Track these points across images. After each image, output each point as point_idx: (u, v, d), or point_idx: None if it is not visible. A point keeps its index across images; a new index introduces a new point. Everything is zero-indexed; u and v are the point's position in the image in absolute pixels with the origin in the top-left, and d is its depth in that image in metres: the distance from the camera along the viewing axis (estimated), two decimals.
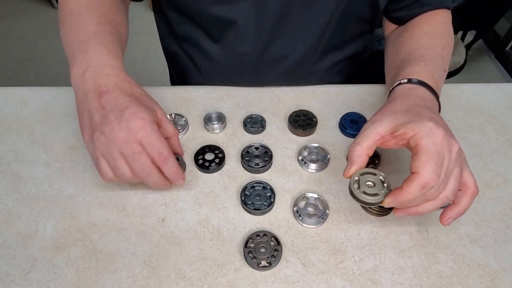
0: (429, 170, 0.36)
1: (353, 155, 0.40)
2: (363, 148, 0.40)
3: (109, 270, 0.42)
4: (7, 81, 2.01)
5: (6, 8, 2.53)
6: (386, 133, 0.40)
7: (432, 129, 0.38)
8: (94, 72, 0.43)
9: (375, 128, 0.40)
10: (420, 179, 0.36)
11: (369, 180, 0.41)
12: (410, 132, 0.38)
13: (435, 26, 0.56)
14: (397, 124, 0.40)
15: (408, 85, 0.46)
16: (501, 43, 2.10)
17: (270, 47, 0.61)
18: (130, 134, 0.39)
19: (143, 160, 0.40)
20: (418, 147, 0.37)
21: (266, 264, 0.42)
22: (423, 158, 0.37)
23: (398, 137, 0.39)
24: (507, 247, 0.45)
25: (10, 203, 0.48)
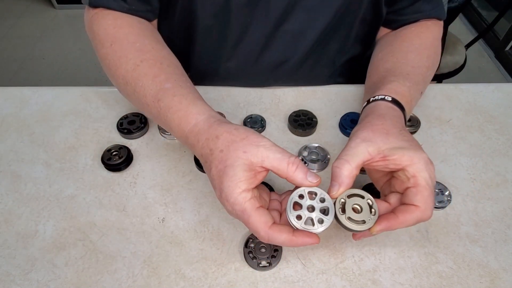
0: (430, 207, 0.36)
1: (342, 175, 0.37)
2: (353, 167, 0.37)
3: (109, 270, 0.42)
4: (7, 81, 2.01)
5: (6, 8, 2.53)
6: (377, 155, 0.38)
7: (427, 162, 0.37)
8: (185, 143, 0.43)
9: (366, 147, 0.38)
10: (420, 214, 0.36)
11: (356, 203, 0.37)
12: (407, 161, 0.37)
13: (425, 41, 0.56)
14: (391, 148, 0.38)
15: (392, 105, 0.45)
16: (501, 43, 2.11)
17: (270, 50, 0.61)
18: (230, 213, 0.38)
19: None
20: (417, 180, 0.37)
21: (266, 264, 0.42)
22: (425, 194, 0.36)
23: (390, 161, 0.38)
24: (507, 247, 0.45)
25: (10, 203, 0.48)
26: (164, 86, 0.44)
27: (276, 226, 0.36)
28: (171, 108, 0.43)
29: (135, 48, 0.48)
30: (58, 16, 2.48)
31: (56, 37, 2.31)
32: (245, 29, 0.58)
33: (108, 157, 0.51)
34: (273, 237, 0.35)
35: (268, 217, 0.36)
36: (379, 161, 0.38)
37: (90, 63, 2.09)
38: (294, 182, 0.37)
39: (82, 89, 0.63)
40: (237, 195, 0.35)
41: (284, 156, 0.36)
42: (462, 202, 0.49)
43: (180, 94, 0.43)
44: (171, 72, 0.47)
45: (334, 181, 0.37)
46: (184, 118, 0.41)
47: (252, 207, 0.35)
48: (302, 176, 0.36)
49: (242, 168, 0.35)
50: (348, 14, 0.57)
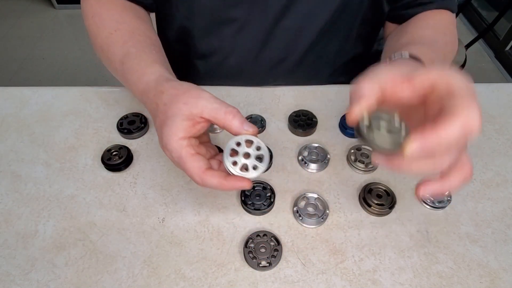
0: (475, 111, 0.27)
1: (362, 88, 0.30)
2: (374, 83, 0.31)
3: (109, 270, 0.42)
4: (7, 81, 2.01)
5: (6, 8, 2.53)
6: (401, 78, 0.31)
7: (461, 75, 0.30)
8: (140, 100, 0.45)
9: (388, 69, 0.32)
10: (464, 118, 0.27)
11: (383, 120, 0.31)
12: (436, 75, 0.30)
13: (440, 22, 0.55)
14: (415, 70, 0.31)
15: (410, 60, 0.41)
16: (501, 43, 2.11)
17: (269, 47, 0.61)
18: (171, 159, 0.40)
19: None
20: (452, 87, 0.29)
21: (266, 264, 0.42)
22: (465, 95, 0.28)
23: (417, 81, 0.30)
24: (507, 247, 0.45)
25: (10, 203, 0.48)
26: (129, 50, 0.48)
27: (210, 171, 0.37)
28: (130, 70, 0.46)
29: (113, 19, 0.52)
30: (58, 16, 2.48)
31: (56, 37, 2.31)
32: (244, 25, 0.58)
33: (108, 157, 0.51)
34: (206, 181, 0.37)
35: (202, 163, 0.37)
36: (404, 85, 0.31)
37: (90, 63, 2.09)
38: (230, 130, 0.38)
39: (82, 89, 0.63)
40: (174, 142, 0.37)
41: (222, 106, 0.37)
42: (462, 202, 0.49)
43: (140, 57, 0.47)
44: (140, 40, 0.50)
45: (352, 99, 0.31)
46: (139, 78, 0.45)
47: (187, 153, 0.37)
48: (238, 125, 0.37)
49: (181, 118, 0.37)
50: (348, 12, 0.57)
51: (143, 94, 0.44)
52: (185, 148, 0.37)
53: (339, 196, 0.49)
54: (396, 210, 0.47)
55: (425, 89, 0.30)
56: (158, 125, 0.40)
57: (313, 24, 0.58)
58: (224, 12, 0.56)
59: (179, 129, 0.37)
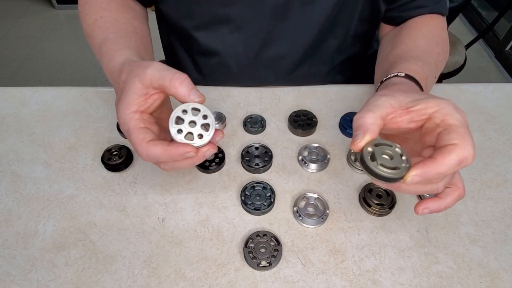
0: (470, 144, 0.31)
1: (366, 122, 0.33)
2: (377, 116, 0.34)
3: (109, 270, 0.42)
4: (7, 81, 2.01)
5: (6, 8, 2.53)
6: (400, 107, 0.34)
7: (456, 107, 0.33)
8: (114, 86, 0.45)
9: (387, 100, 0.35)
10: (460, 151, 0.31)
11: (385, 152, 0.34)
12: (433, 106, 0.33)
13: (432, 30, 0.56)
14: (414, 99, 0.34)
15: (405, 79, 0.44)
16: (501, 43, 2.10)
17: (268, 46, 0.61)
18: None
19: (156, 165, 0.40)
20: (448, 121, 0.32)
21: (266, 264, 0.42)
22: (461, 130, 0.32)
23: (415, 112, 0.34)
24: (507, 247, 0.45)
25: (10, 203, 0.48)
26: (108, 36, 0.49)
27: (153, 141, 0.36)
28: (105, 54, 0.47)
29: (100, 7, 0.53)
30: (58, 16, 2.48)
31: (56, 37, 2.31)
32: (241, 24, 0.58)
33: (108, 157, 0.51)
34: (149, 151, 0.36)
35: (147, 135, 0.37)
36: (402, 114, 0.35)
37: (90, 63, 2.09)
38: (177, 97, 0.37)
39: (82, 89, 0.63)
40: (126, 115, 0.37)
41: (169, 73, 0.36)
42: (462, 202, 0.49)
43: (115, 43, 0.47)
44: (121, 27, 0.51)
45: (357, 131, 0.34)
46: (109, 62, 0.45)
47: (135, 126, 0.37)
48: (185, 92, 0.36)
49: (133, 92, 0.37)
50: (346, 10, 0.58)
51: (111, 77, 0.44)
52: (134, 120, 0.37)
53: (339, 196, 0.49)
54: (396, 210, 0.47)
55: (422, 120, 0.34)
56: (116, 103, 0.39)
57: (311, 24, 0.58)
58: (221, 10, 0.57)
59: (131, 103, 0.37)
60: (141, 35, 0.53)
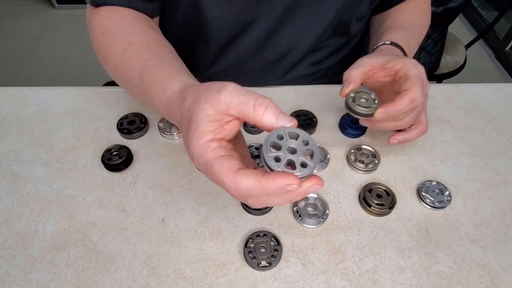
0: (419, 88, 0.43)
1: (351, 76, 0.45)
2: (359, 71, 0.46)
3: (109, 270, 0.42)
4: (7, 81, 2.01)
5: (6, 8, 2.53)
6: (377, 66, 0.47)
7: (416, 63, 0.46)
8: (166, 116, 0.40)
9: (368, 60, 0.47)
10: (411, 94, 0.43)
11: (363, 97, 0.46)
12: (400, 64, 0.45)
13: (418, 5, 0.64)
14: (388, 60, 0.47)
15: (390, 46, 0.54)
16: (501, 43, 2.11)
17: (271, 45, 0.61)
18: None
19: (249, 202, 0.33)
20: (407, 74, 0.44)
21: (266, 264, 0.42)
22: (413, 80, 0.44)
23: (387, 69, 0.46)
24: (507, 247, 0.45)
25: (10, 203, 0.48)
26: (147, 64, 0.43)
27: (243, 170, 0.30)
28: (151, 84, 0.41)
29: (124, 32, 0.47)
30: (58, 16, 2.48)
31: (56, 37, 2.31)
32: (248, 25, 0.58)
33: (108, 157, 0.51)
34: (239, 183, 0.29)
35: (233, 163, 0.30)
36: (379, 70, 0.47)
37: (90, 63, 2.09)
38: (263, 127, 0.31)
39: (82, 89, 0.63)
40: (200, 146, 0.31)
41: (250, 98, 0.31)
42: (462, 202, 0.49)
43: (160, 69, 0.41)
44: (156, 51, 0.45)
45: (344, 82, 0.46)
46: (162, 91, 0.39)
47: (215, 155, 0.30)
48: (272, 119, 0.31)
49: (205, 120, 0.31)
50: (349, 11, 0.58)
51: (168, 107, 0.38)
52: (212, 150, 0.31)
53: (339, 196, 0.49)
54: (396, 210, 0.47)
55: (392, 74, 0.47)
56: (184, 134, 0.34)
57: (315, 25, 0.58)
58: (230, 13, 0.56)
59: (204, 132, 0.31)
60: (175, 53, 0.48)
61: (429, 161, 0.53)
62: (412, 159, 0.54)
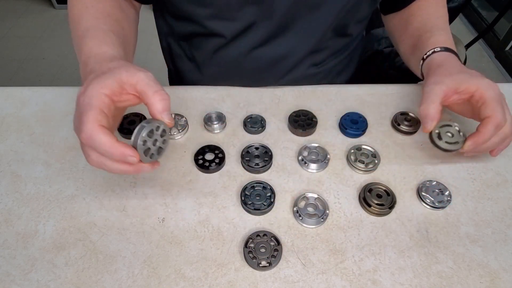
0: (500, 112, 0.44)
1: (432, 112, 0.46)
2: (437, 104, 0.46)
3: (109, 270, 0.42)
4: (7, 81, 2.01)
5: (6, 8, 2.53)
6: (450, 91, 0.47)
7: (490, 83, 0.46)
8: (83, 65, 0.45)
9: (440, 87, 0.47)
10: (494, 120, 0.44)
11: (448, 131, 0.48)
12: (474, 86, 0.46)
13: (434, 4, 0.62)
14: (459, 82, 0.47)
15: (444, 53, 0.53)
16: (501, 43, 2.11)
17: (271, 47, 0.61)
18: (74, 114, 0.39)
19: (84, 150, 0.39)
20: (484, 98, 0.45)
21: (266, 264, 0.42)
22: (492, 104, 0.44)
23: (461, 92, 0.47)
24: (507, 247, 0.45)
25: (10, 203, 0.48)
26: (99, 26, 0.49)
27: (105, 128, 0.36)
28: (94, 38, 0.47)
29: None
30: (58, 16, 2.48)
31: (56, 37, 2.31)
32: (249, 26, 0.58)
33: None
34: (95, 134, 0.35)
35: (104, 120, 0.36)
36: (453, 95, 0.48)
37: None
38: (151, 109, 0.39)
39: None
40: (95, 91, 0.37)
41: (157, 86, 0.39)
42: (462, 202, 0.49)
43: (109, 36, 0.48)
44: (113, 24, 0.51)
45: (426, 119, 0.47)
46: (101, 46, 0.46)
47: (98, 105, 0.36)
48: (160, 109, 0.38)
49: (115, 79, 0.38)
50: (348, 15, 0.58)
51: (94, 58, 0.44)
52: (100, 100, 0.37)
53: (339, 196, 0.49)
54: (396, 210, 0.47)
55: (465, 97, 0.48)
56: (91, 78, 0.39)
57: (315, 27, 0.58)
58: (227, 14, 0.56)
59: (108, 86, 0.37)
60: (128, 41, 0.53)
61: (429, 161, 0.53)
62: (412, 159, 0.54)
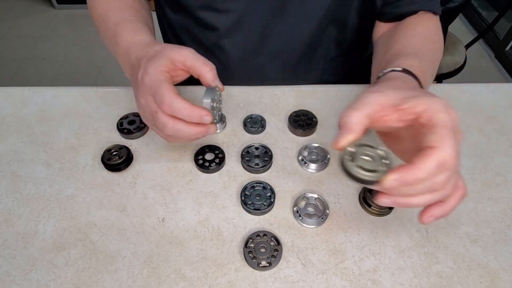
0: (451, 146, 0.30)
1: (350, 121, 0.33)
2: (362, 115, 0.33)
3: (109, 270, 0.42)
4: (7, 81, 2.01)
5: (6, 8, 2.53)
6: (389, 106, 0.33)
7: (447, 105, 0.32)
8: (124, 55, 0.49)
9: (377, 97, 0.34)
10: (439, 154, 0.30)
11: (366, 153, 0.33)
12: (422, 105, 0.32)
13: (428, 28, 0.55)
14: (405, 97, 0.33)
15: (402, 74, 0.42)
16: (501, 43, 2.11)
17: (268, 41, 0.61)
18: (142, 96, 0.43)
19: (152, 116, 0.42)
20: (433, 121, 0.31)
21: (266, 264, 0.42)
22: (443, 132, 0.30)
23: (404, 111, 0.33)
24: (507, 247, 0.45)
25: (10, 203, 0.48)
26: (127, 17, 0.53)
27: (180, 96, 0.40)
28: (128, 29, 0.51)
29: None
30: (58, 16, 2.48)
31: (56, 37, 2.31)
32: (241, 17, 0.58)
33: (108, 157, 0.51)
34: (175, 102, 0.40)
35: (176, 90, 0.41)
36: (392, 113, 0.33)
37: (90, 63, 2.09)
38: (203, 79, 0.44)
39: (82, 89, 0.63)
40: (157, 70, 0.41)
41: (203, 58, 0.43)
42: (462, 202, 0.49)
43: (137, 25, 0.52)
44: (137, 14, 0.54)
45: (341, 129, 0.33)
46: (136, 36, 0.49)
47: (166, 79, 0.41)
48: (211, 78, 0.43)
49: (167, 58, 0.42)
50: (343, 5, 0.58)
51: (133, 46, 0.47)
52: (164, 76, 0.41)
53: (339, 196, 0.49)
54: (396, 210, 0.47)
55: (410, 119, 0.33)
56: (145, 61, 0.43)
57: (309, 18, 0.59)
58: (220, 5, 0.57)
59: (163, 64, 0.42)
60: (151, 28, 0.55)
61: None
62: None
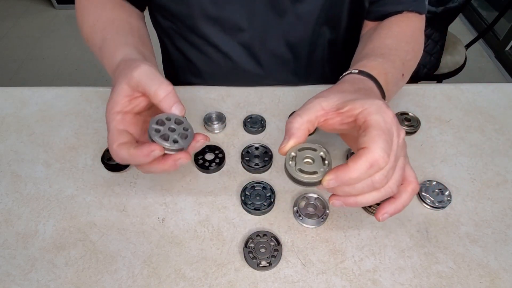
0: (380, 146, 0.32)
1: (292, 127, 0.36)
2: (304, 120, 0.36)
3: (109, 270, 0.42)
4: (7, 81, 2.01)
5: (6, 8, 2.53)
6: (331, 109, 0.36)
7: (382, 107, 0.34)
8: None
9: (319, 102, 0.36)
10: (369, 155, 0.32)
11: (307, 156, 0.35)
12: (359, 107, 0.34)
13: (405, 29, 0.55)
14: (344, 101, 0.36)
15: (358, 76, 0.43)
16: (501, 43, 2.11)
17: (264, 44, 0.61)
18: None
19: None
20: (367, 123, 0.33)
21: (266, 264, 0.42)
22: (373, 133, 0.32)
23: (344, 114, 0.35)
24: (507, 247, 0.45)
25: (10, 203, 0.48)
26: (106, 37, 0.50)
27: (122, 145, 0.37)
28: (106, 55, 0.48)
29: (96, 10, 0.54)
30: (58, 16, 2.48)
31: (56, 37, 2.31)
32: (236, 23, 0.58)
33: (108, 157, 0.51)
34: (117, 154, 0.37)
35: (121, 137, 0.37)
36: (334, 116, 0.36)
37: (90, 63, 2.09)
38: (159, 107, 0.38)
39: (82, 89, 0.63)
40: (109, 115, 0.38)
41: (155, 82, 0.37)
42: (462, 202, 0.49)
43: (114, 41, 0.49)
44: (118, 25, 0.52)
45: (285, 135, 0.36)
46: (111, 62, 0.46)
47: (113, 127, 0.38)
48: (167, 106, 0.38)
49: (119, 93, 0.38)
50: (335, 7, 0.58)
51: (112, 75, 0.45)
52: (114, 121, 0.38)
53: None
54: None
55: (350, 121, 0.35)
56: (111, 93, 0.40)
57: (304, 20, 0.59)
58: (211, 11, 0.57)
59: (116, 103, 0.38)
60: (138, 32, 0.53)
61: (429, 161, 0.53)
62: (412, 159, 0.54)
